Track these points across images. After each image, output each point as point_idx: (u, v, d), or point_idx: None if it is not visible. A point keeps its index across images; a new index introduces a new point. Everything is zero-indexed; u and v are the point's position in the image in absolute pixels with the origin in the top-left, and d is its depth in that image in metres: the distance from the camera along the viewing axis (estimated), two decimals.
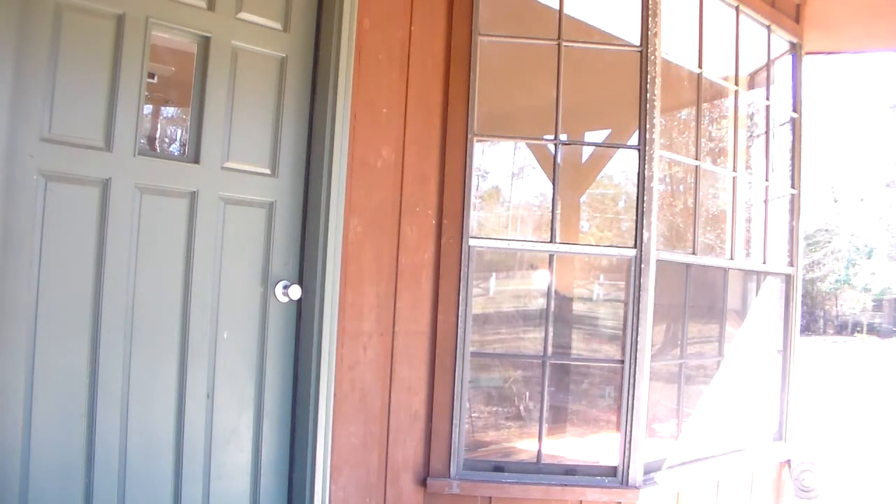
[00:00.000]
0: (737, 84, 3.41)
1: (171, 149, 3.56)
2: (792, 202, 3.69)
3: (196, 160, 2.31)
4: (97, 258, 2.10)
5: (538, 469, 2.76)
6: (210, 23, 2.32)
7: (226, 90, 2.36)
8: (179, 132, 3.28)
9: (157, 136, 3.25)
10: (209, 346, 2.36)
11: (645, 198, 2.78)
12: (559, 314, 4.35)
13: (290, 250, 2.53)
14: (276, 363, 2.54)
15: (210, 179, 2.33)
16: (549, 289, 2.94)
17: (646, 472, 2.79)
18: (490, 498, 2.67)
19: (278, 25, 2.48)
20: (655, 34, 2.82)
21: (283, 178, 2.50)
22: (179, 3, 2.26)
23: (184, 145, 2.54)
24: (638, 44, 2.84)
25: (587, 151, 5.15)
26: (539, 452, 2.78)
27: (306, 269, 2.53)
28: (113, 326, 2.13)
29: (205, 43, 2.33)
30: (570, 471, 2.78)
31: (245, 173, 2.40)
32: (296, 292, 2.46)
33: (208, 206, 2.32)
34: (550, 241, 2.81)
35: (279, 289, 2.48)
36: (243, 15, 2.40)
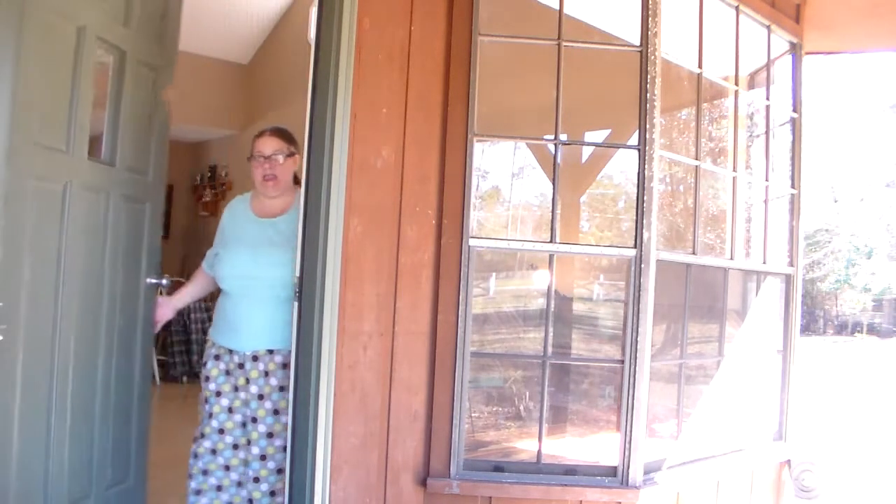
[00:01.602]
0: (737, 84, 3.41)
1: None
2: (792, 202, 3.69)
3: (112, 163, 2.38)
4: (58, 254, 2.13)
5: (538, 469, 2.76)
6: (125, 38, 2.37)
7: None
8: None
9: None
10: None
11: (645, 198, 2.78)
12: (559, 314, 4.35)
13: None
14: None
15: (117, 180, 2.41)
16: (549, 289, 2.93)
17: (646, 472, 2.79)
18: (490, 498, 2.67)
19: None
20: (655, 34, 2.82)
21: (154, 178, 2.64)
22: (114, 20, 2.31)
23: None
24: (638, 44, 2.84)
25: (587, 151, 5.15)
26: (539, 452, 2.78)
27: (306, 268, 2.53)
28: (69, 322, 2.14)
29: (121, 56, 2.37)
30: (570, 471, 2.78)
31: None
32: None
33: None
34: (550, 241, 2.81)
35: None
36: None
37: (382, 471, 2.61)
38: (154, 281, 2.61)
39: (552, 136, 2.85)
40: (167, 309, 2.70)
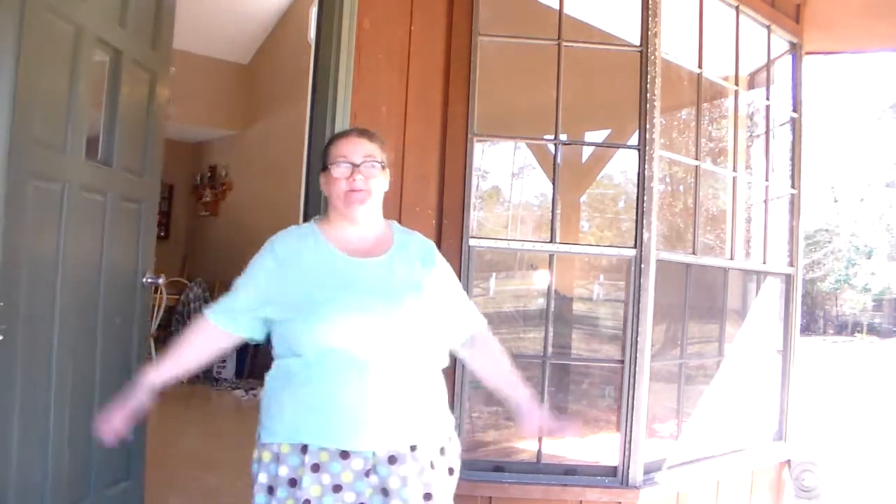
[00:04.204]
0: (737, 84, 3.41)
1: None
2: (792, 202, 3.69)
3: (109, 164, 2.36)
4: (57, 254, 2.12)
5: (538, 469, 2.76)
6: (121, 38, 2.36)
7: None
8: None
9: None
10: None
11: (645, 198, 2.78)
12: (559, 314, 4.35)
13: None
14: None
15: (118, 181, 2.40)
16: (549, 289, 2.94)
17: (646, 472, 2.79)
18: (490, 498, 2.67)
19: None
20: (655, 34, 2.82)
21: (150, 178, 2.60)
22: (111, 19, 2.30)
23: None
24: (638, 44, 2.84)
25: (587, 151, 5.15)
26: (539, 452, 2.78)
27: None
28: (67, 323, 2.15)
29: (117, 56, 2.36)
30: (570, 471, 2.78)
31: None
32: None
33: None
34: (550, 242, 2.81)
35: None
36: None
37: None
38: (150, 280, 2.60)
39: (552, 136, 2.85)
40: (144, 395, 1.64)
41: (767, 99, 3.69)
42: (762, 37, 3.51)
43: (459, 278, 2.66)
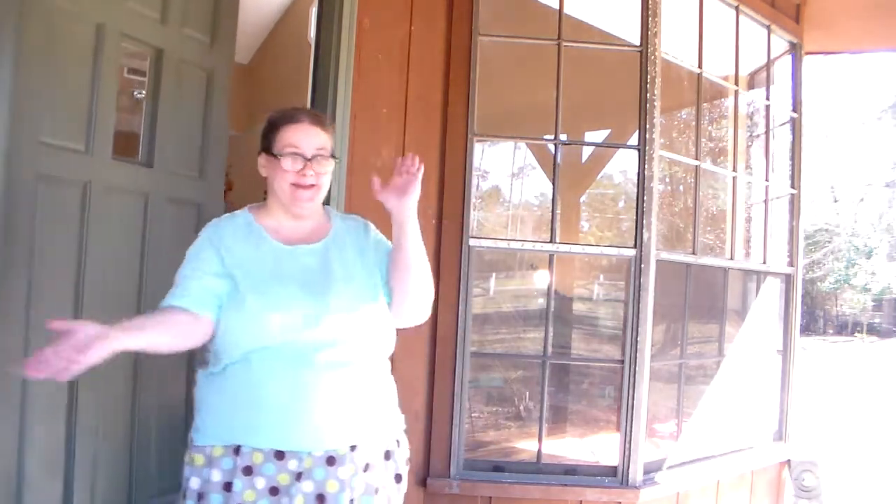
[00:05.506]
0: (737, 84, 3.41)
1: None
2: (792, 202, 3.69)
3: (149, 164, 2.31)
4: (78, 254, 2.09)
5: (538, 469, 2.76)
6: (163, 36, 2.31)
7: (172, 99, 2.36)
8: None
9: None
10: None
11: (645, 198, 2.78)
12: (559, 314, 4.35)
13: None
14: None
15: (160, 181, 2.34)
16: (549, 289, 2.94)
17: (646, 472, 2.79)
18: (490, 498, 2.67)
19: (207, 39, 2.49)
20: (655, 34, 2.82)
21: (210, 180, 2.51)
22: (147, 18, 2.26)
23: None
24: (638, 44, 2.84)
25: (587, 151, 5.15)
26: (539, 452, 2.78)
27: None
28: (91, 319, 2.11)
29: (158, 55, 2.32)
30: (570, 471, 2.78)
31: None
32: None
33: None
34: (550, 242, 2.81)
35: None
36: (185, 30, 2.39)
37: None
38: None
39: (552, 136, 2.85)
40: (106, 344, 1.29)
41: (767, 99, 3.69)
42: (762, 37, 3.52)
43: (459, 278, 2.68)
